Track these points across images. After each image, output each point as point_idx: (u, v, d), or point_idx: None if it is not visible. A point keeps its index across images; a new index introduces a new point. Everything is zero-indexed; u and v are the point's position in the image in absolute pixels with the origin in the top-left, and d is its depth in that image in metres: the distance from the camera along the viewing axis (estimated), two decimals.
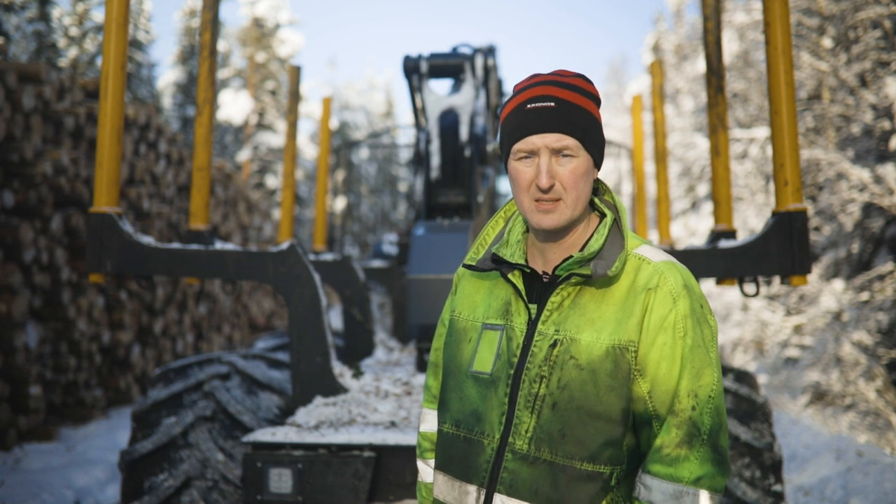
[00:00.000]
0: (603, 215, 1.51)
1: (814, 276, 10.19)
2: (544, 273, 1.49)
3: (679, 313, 1.39)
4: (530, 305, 1.47)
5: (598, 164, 1.47)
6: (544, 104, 1.42)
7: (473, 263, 1.56)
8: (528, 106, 1.43)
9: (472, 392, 1.49)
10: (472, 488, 1.46)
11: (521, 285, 1.48)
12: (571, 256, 1.43)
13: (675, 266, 1.45)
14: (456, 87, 4.64)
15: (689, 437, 1.36)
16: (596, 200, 1.52)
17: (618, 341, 1.38)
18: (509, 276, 1.49)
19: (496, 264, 1.51)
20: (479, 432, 1.46)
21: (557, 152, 1.41)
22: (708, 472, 1.36)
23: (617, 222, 1.50)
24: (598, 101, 1.48)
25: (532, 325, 1.45)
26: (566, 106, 1.42)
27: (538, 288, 1.48)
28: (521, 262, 1.49)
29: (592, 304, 1.42)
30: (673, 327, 1.38)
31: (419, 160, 4.70)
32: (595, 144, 1.45)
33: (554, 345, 1.41)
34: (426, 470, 1.70)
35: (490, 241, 1.60)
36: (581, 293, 1.44)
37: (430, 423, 1.71)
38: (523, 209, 1.45)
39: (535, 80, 1.46)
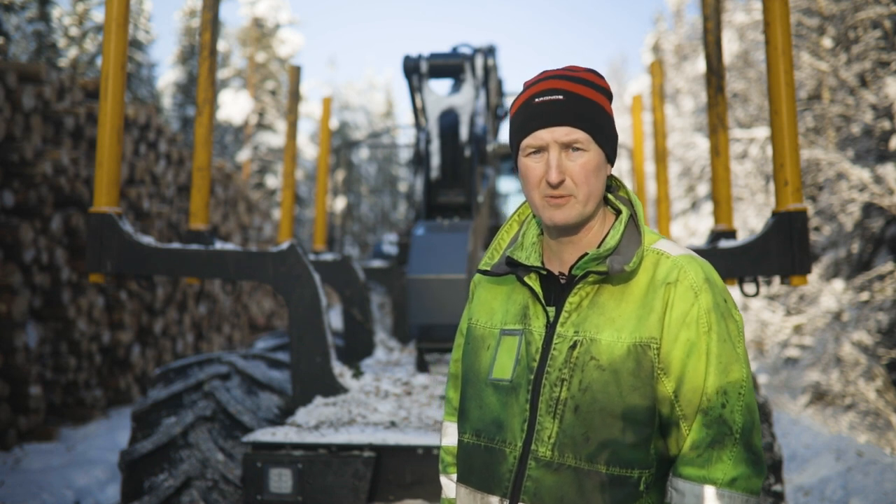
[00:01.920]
0: (618, 212, 1.46)
1: (814, 276, 10.18)
2: (561, 274, 1.44)
3: (702, 308, 1.33)
4: (548, 308, 1.41)
5: (610, 159, 1.42)
6: (553, 97, 1.37)
7: (488, 268, 1.51)
8: (536, 100, 1.38)
9: (493, 400, 1.43)
10: (495, 499, 1.40)
11: (538, 288, 1.42)
12: (587, 254, 1.38)
13: (695, 259, 1.40)
14: (456, 87, 4.63)
15: (721, 437, 1.30)
16: (610, 197, 1.47)
17: (639, 339, 1.33)
18: (525, 279, 1.43)
19: (511, 268, 1.46)
20: (500, 441, 1.40)
21: (567, 146, 1.36)
22: (743, 472, 1.30)
23: (633, 218, 1.44)
24: (609, 96, 1.43)
25: (551, 327, 1.40)
26: (575, 99, 1.37)
27: (556, 290, 1.43)
28: (538, 263, 1.44)
29: (612, 303, 1.37)
30: (696, 322, 1.33)
31: (419, 160, 4.70)
32: (607, 138, 1.40)
33: (573, 346, 1.36)
34: (449, 486, 1.64)
35: (505, 245, 1.54)
36: (600, 292, 1.39)
37: (451, 436, 1.65)
38: (534, 206, 1.41)
39: (544, 75, 1.42)
